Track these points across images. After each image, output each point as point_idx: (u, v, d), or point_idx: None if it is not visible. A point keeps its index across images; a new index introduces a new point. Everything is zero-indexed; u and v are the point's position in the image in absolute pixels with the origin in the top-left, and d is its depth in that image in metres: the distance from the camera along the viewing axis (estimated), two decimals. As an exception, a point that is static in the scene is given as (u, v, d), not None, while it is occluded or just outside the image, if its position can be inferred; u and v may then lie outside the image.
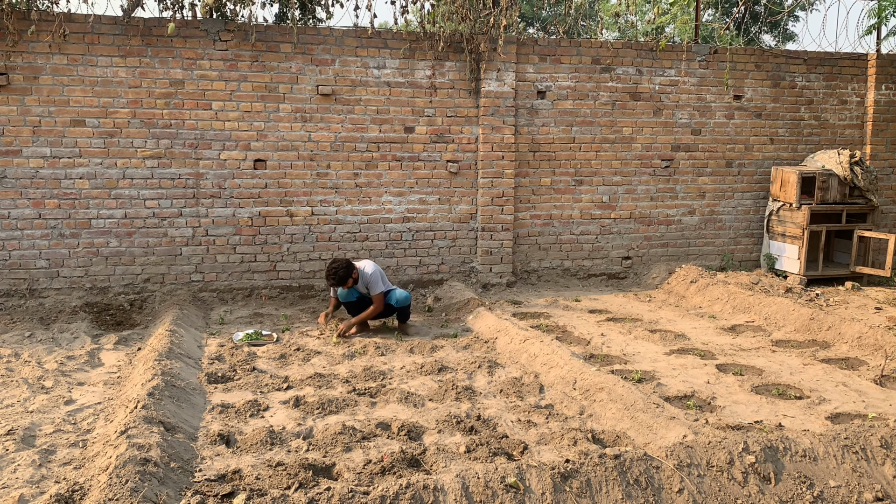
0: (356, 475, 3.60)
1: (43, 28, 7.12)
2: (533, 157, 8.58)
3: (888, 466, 3.55)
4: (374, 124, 8.05)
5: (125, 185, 7.52)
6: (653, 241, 9.08)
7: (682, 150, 9.02)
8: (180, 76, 7.52)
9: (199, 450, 3.87)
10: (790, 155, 9.33)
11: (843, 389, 5.00)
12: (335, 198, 8.05)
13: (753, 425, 4.27)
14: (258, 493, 3.23)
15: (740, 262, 9.33)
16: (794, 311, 6.75)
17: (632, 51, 8.73)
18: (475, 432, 4.20)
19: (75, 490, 3.27)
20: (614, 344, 6.15)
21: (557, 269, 8.79)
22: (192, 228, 7.72)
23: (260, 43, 7.65)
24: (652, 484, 3.30)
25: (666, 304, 7.79)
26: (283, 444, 4.00)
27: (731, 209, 9.27)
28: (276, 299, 7.72)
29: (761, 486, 3.37)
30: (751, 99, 9.14)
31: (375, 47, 7.97)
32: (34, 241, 7.37)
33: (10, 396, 4.71)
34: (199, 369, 5.30)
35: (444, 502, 3.09)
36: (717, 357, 5.79)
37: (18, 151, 7.24)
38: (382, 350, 5.88)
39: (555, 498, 3.17)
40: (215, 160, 7.70)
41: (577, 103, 8.63)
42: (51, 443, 3.98)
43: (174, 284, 7.69)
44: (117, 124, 7.44)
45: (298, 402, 4.61)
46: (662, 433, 3.96)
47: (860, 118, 9.50)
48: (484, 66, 8.19)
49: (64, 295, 7.36)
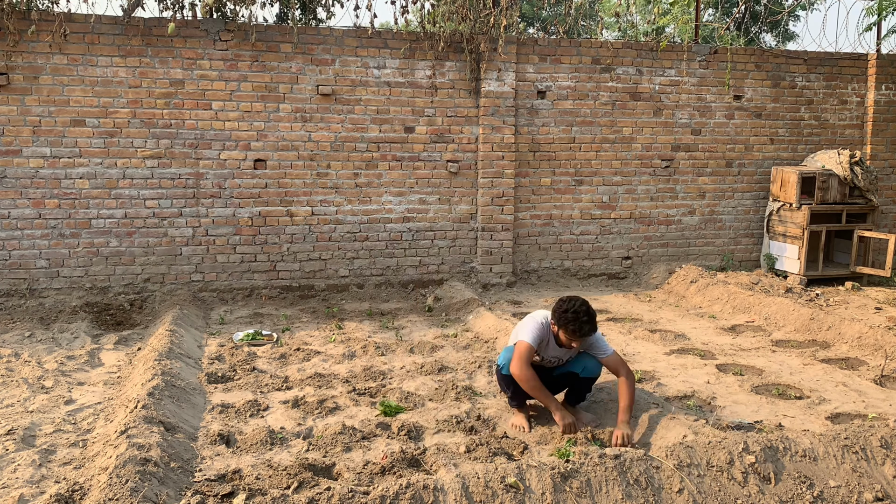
0: (356, 475, 3.60)
1: (43, 28, 7.12)
2: (533, 157, 8.58)
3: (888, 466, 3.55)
4: (374, 124, 8.04)
5: (125, 185, 7.52)
6: (653, 241, 9.08)
7: (683, 150, 9.02)
8: (180, 76, 7.52)
9: (199, 450, 3.87)
10: (790, 155, 9.33)
11: (843, 389, 5.00)
12: (335, 198, 8.05)
13: (753, 425, 4.27)
14: (258, 493, 3.23)
15: (740, 262, 9.33)
16: (794, 311, 6.75)
17: (632, 51, 8.73)
18: (475, 432, 4.20)
19: (75, 490, 3.27)
20: (614, 344, 6.15)
21: (557, 269, 8.79)
22: (193, 228, 7.72)
23: (260, 43, 7.65)
24: (652, 484, 3.30)
25: (666, 304, 7.79)
26: (283, 444, 4.00)
27: (731, 209, 9.27)
28: (276, 299, 7.72)
29: (761, 486, 3.37)
30: (751, 99, 9.13)
31: (375, 47, 7.97)
32: (34, 240, 7.37)
33: (10, 396, 4.71)
34: (199, 369, 5.30)
35: (444, 502, 3.09)
36: (717, 357, 5.79)
37: (18, 151, 7.24)
38: (382, 350, 5.88)
39: (555, 498, 3.17)
40: (215, 160, 7.70)
41: (578, 103, 8.63)
42: (51, 443, 3.98)
43: (174, 284, 7.69)
44: (117, 124, 7.44)
45: (298, 402, 4.61)
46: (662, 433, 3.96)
47: (860, 118, 9.50)
48: (484, 66, 8.19)
49: (64, 295, 7.36)
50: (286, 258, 7.98)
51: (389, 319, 6.95)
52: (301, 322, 6.88)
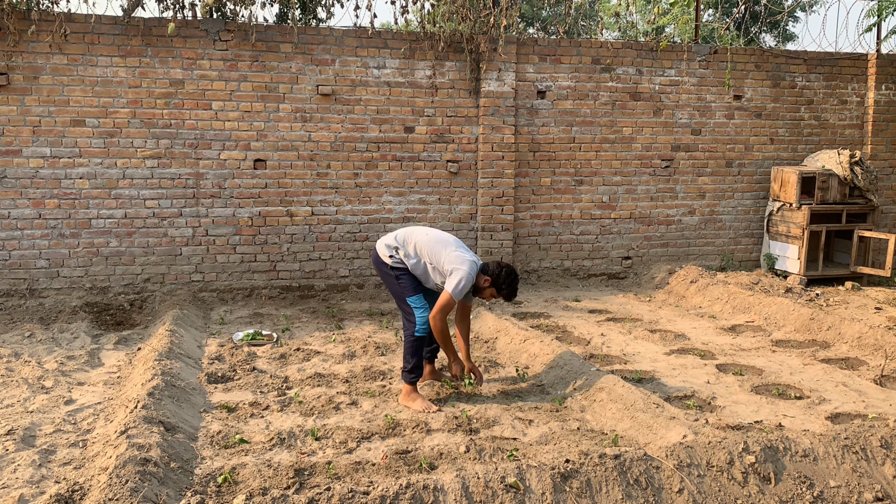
0: (356, 475, 3.60)
1: (43, 28, 7.12)
2: (533, 157, 8.58)
3: (888, 466, 3.55)
4: (374, 124, 8.04)
5: (125, 185, 7.52)
6: (653, 241, 9.08)
7: (682, 150, 9.02)
8: (180, 76, 7.52)
9: (199, 450, 3.87)
10: (790, 155, 9.33)
11: (843, 389, 5.00)
12: (335, 198, 8.05)
13: (753, 425, 4.27)
14: (258, 493, 3.23)
15: (740, 262, 9.33)
16: (794, 311, 6.75)
17: (632, 51, 8.73)
18: (475, 432, 4.20)
19: (75, 490, 3.27)
20: (614, 344, 6.15)
21: (557, 269, 8.78)
22: (192, 228, 7.72)
23: (260, 43, 7.65)
24: (652, 484, 3.30)
25: (666, 304, 7.79)
26: (284, 444, 4.00)
27: (731, 209, 9.27)
28: (276, 299, 7.72)
29: (761, 486, 3.37)
30: (751, 99, 9.13)
31: (375, 47, 7.97)
32: (34, 240, 7.37)
33: (10, 396, 4.71)
34: (199, 369, 5.30)
35: (444, 502, 3.09)
36: (717, 357, 5.79)
37: (18, 151, 7.24)
38: (382, 350, 5.88)
39: (555, 498, 3.17)
40: (215, 160, 7.70)
41: (577, 103, 8.63)
42: (51, 443, 3.98)
43: (174, 284, 7.69)
44: (117, 124, 7.44)
45: (298, 403, 4.61)
46: (662, 433, 3.96)
47: (860, 118, 9.50)
48: (484, 66, 8.19)
49: (64, 295, 7.36)
50: (286, 258, 7.98)
51: (389, 319, 6.95)
52: (301, 322, 6.88)
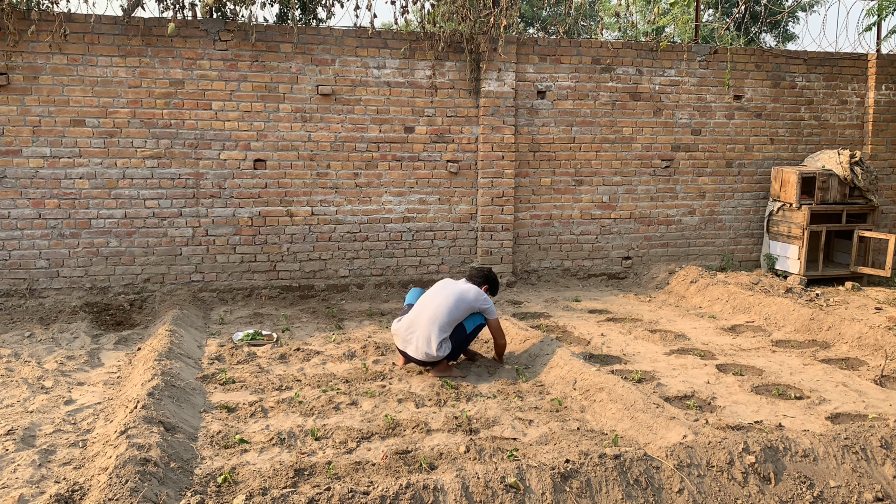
0: (356, 475, 3.59)
1: (43, 28, 7.12)
2: (533, 157, 8.58)
3: (888, 466, 3.55)
4: (374, 124, 8.04)
5: (125, 185, 7.52)
6: (653, 242, 9.08)
7: (682, 150, 9.02)
8: (180, 76, 7.52)
9: (198, 450, 3.87)
10: (790, 155, 9.33)
11: (843, 389, 5.00)
12: (335, 198, 8.05)
13: (753, 425, 4.27)
14: (258, 493, 3.23)
15: (740, 262, 9.33)
16: (794, 311, 6.75)
17: (632, 51, 8.73)
18: (475, 432, 4.20)
19: (75, 490, 3.27)
20: (614, 344, 6.15)
21: (557, 270, 8.79)
22: (192, 228, 7.72)
23: (260, 43, 7.65)
24: (652, 484, 3.30)
25: (666, 304, 7.79)
26: (283, 443, 4.00)
27: (731, 209, 9.27)
28: (276, 299, 7.72)
29: (761, 487, 3.37)
30: (751, 99, 9.14)
31: (375, 47, 7.97)
32: (34, 240, 7.37)
33: (10, 396, 4.71)
34: (198, 369, 5.30)
35: (444, 502, 3.09)
36: (717, 357, 5.79)
37: (18, 151, 7.24)
38: (382, 350, 5.88)
39: (555, 498, 3.17)
40: (215, 160, 7.70)
41: (577, 103, 8.63)
42: (51, 443, 3.98)
43: (174, 284, 7.69)
44: (117, 124, 7.44)
45: (298, 402, 4.61)
46: (662, 433, 3.96)
47: (860, 118, 9.50)
48: (484, 66, 8.19)
49: (64, 295, 7.36)
50: (286, 258, 7.98)
51: (389, 319, 6.95)
52: (301, 322, 6.88)
